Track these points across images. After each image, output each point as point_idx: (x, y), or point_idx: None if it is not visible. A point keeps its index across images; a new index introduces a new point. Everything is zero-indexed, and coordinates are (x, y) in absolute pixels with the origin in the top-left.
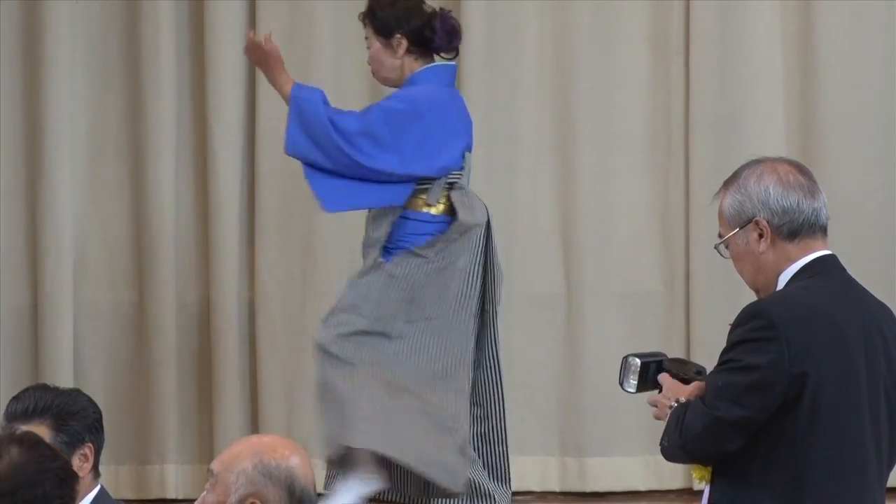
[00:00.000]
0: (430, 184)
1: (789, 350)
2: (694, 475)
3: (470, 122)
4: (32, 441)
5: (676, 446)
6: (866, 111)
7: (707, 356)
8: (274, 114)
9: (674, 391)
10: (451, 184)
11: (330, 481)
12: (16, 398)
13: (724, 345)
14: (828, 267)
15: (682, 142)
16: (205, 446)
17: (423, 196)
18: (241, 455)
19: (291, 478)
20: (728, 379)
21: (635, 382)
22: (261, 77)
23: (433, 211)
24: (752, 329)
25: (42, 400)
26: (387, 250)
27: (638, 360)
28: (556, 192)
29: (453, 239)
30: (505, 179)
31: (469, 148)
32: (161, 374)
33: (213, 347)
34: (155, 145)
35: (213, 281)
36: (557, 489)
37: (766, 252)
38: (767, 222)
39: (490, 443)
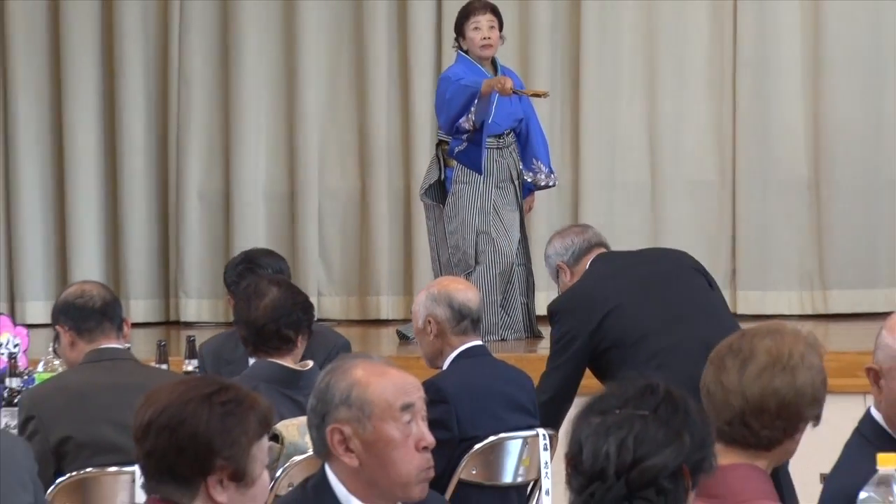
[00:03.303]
0: None
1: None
2: None
3: None
4: (284, 282)
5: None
6: (866, 53)
7: (747, 227)
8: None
9: None
10: None
11: None
12: (254, 259)
13: (760, 219)
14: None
15: (731, 76)
16: (407, 284)
17: None
18: (420, 294)
19: (449, 296)
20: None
21: None
22: (446, 26)
23: None
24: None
25: (269, 257)
26: None
27: None
28: (644, 110)
29: None
30: (612, 104)
31: None
32: (379, 239)
33: (413, 219)
34: (374, 75)
35: (413, 174)
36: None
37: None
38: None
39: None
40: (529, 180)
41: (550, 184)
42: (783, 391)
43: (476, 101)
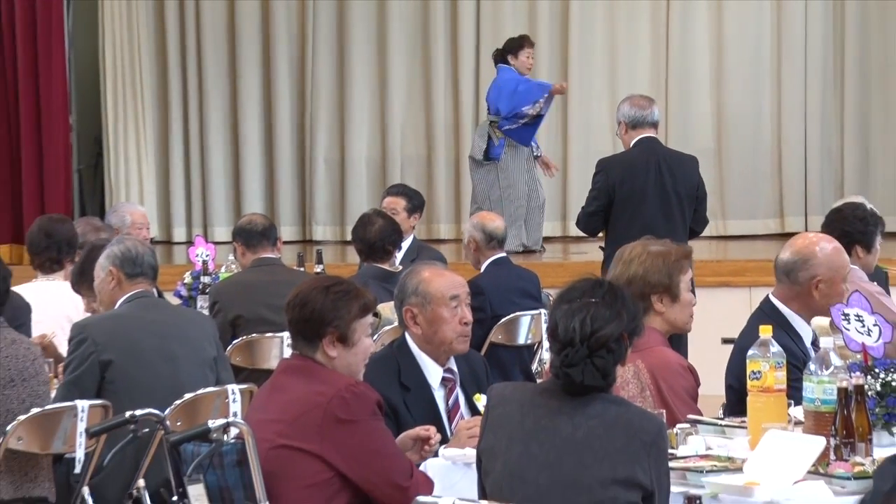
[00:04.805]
0: None
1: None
2: None
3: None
4: (385, 215)
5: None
6: (750, 65)
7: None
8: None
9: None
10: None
11: None
12: (395, 186)
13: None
14: (646, 143)
15: (664, 82)
16: (456, 216)
17: None
18: (467, 222)
19: (483, 225)
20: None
21: None
22: (482, 45)
23: None
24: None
25: (404, 188)
26: None
27: None
28: (608, 105)
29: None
30: (587, 99)
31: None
32: (438, 186)
33: (461, 175)
34: (435, 79)
35: (462, 145)
36: None
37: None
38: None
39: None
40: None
41: (538, 154)
42: (622, 278)
43: (547, 96)
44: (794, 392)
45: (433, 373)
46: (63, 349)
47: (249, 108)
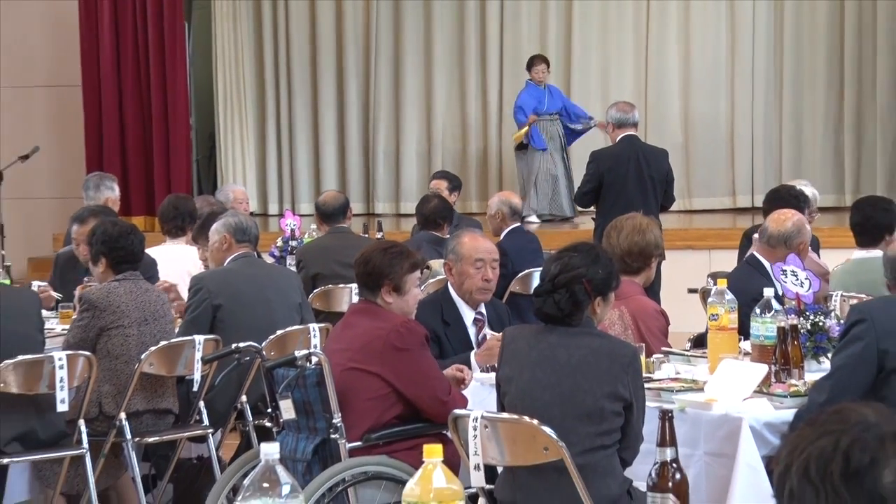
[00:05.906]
0: None
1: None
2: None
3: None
4: (440, 196)
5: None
6: (710, 74)
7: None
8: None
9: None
10: None
11: None
12: (440, 172)
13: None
14: (628, 139)
15: (644, 90)
16: (485, 194)
17: None
18: (493, 198)
19: (509, 201)
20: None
21: None
22: (505, 56)
23: None
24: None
25: (447, 173)
26: None
27: None
28: (602, 106)
29: None
30: (586, 101)
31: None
32: (471, 173)
33: (489, 165)
34: (468, 87)
35: (489, 138)
36: None
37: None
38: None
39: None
40: (581, 127)
41: (593, 124)
42: (640, 243)
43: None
44: None
45: (467, 314)
46: (184, 296)
47: (326, 110)
